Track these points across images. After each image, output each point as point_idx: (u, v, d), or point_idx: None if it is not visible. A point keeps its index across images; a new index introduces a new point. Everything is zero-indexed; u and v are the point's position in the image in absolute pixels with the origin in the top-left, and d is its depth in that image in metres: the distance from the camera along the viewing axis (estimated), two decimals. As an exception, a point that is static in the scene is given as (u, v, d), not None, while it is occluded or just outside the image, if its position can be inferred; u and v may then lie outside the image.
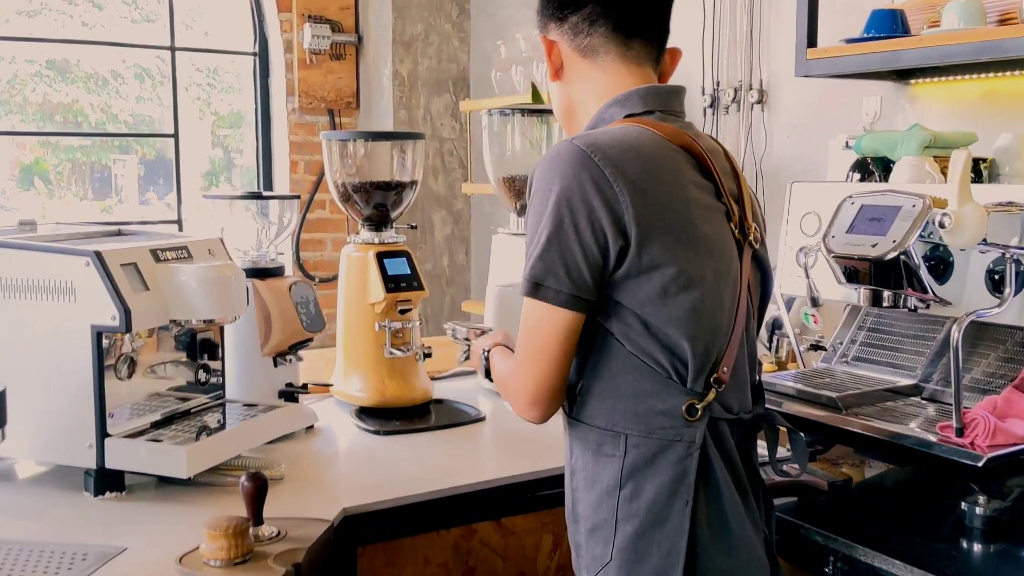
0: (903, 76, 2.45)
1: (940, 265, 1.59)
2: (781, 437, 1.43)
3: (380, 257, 2.09)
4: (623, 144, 1.24)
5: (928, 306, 1.61)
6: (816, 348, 1.95)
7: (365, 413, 2.09)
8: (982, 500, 1.52)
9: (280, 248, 2.10)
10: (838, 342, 1.94)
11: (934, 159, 1.83)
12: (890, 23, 2.16)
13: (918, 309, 1.62)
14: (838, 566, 1.51)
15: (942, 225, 1.44)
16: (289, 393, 1.97)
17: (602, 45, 1.34)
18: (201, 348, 1.80)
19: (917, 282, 1.58)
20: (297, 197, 2.10)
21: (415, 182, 2.22)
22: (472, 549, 1.70)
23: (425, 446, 1.94)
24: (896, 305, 1.64)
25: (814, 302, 1.77)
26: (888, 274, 1.59)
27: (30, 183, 4.90)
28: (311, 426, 1.99)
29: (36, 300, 1.56)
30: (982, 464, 1.40)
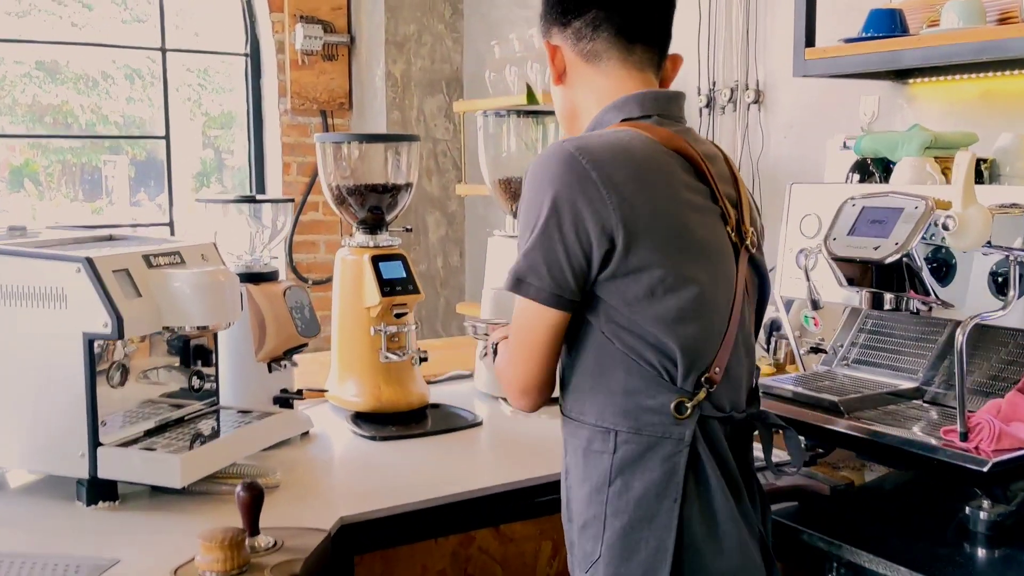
0: (901, 76, 2.44)
1: (942, 267, 1.57)
2: (778, 439, 1.42)
3: (375, 260, 2.07)
4: (614, 147, 1.25)
5: (931, 309, 1.59)
6: (816, 351, 1.93)
7: (361, 418, 2.07)
8: (986, 504, 1.51)
9: (274, 252, 2.08)
10: (838, 345, 1.92)
11: (935, 160, 1.82)
12: (889, 23, 2.14)
13: (920, 312, 1.61)
14: (841, 572, 1.50)
15: (946, 227, 1.43)
16: (284, 399, 1.95)
17: (605, 50, 1.35)
18: (194, 354, 1.77)
19: (919, 284, 1.56)
20: (291, 200, 2.08)
21: (410, 184, 2.19)
22: (471, 557, 1.68)
23: (422, 452, 1.92)
24: (898, 308, 1.62)
25: (814, 305, 1.76)
26: (890, 277, 1.58)
27: (20, 185, 4.86)
28: (306, 432, 1.97)
29: (27, 307, 1.53)
30: (987, 469, 1.39)
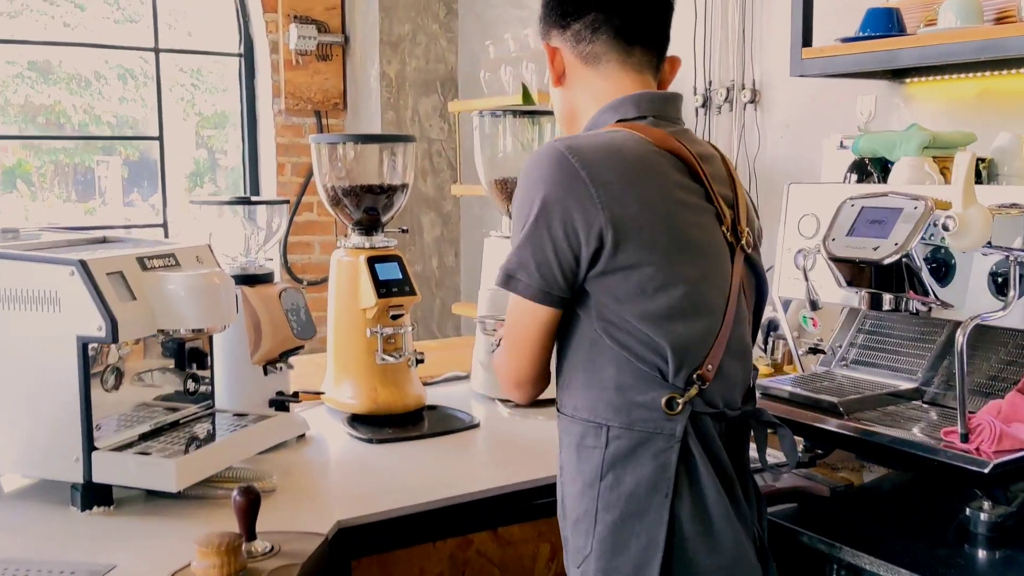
0: (898, 75, 2.44)
1: (942, 268, 1.56)
2: (774, 439, 1.41)
3: (371, 262, 2.06)
4: (604, 147, 1.26)
5: (930, 310, 1.58)
6: (815, 351, 1.92)
7: (357, 420, 2.06)
8: (986, 506, 1.50)
9: (268, 253, 2.06)
10: (837, 345, 1.91)
11: (933, 160, 1.81)
12: (886, 22, 2.14)
13: (919, 312, 1.60)
14: (841, 574, 1.49)
15: (946, 228, 1.42)
16: (280, 402, 1.93)
17: (604, 52, 1.37)
18: (189, 357, 1.76)
19: (919, 285, 1.56)
20: (286, 202, 2.07)
21: (406, 185, 2.18)
22: (469, 560, 1.67)
23: (419, 454, 1.91)
24: (897, 308, 1.62)
25: (813, 305, 1.75)
26: (889, 277, 1.57)
27: (12, 185, 4.83)
28: (302, 435, 1.96)
29: (20, 310, 1.52)
30: (988, 470, 1.38)
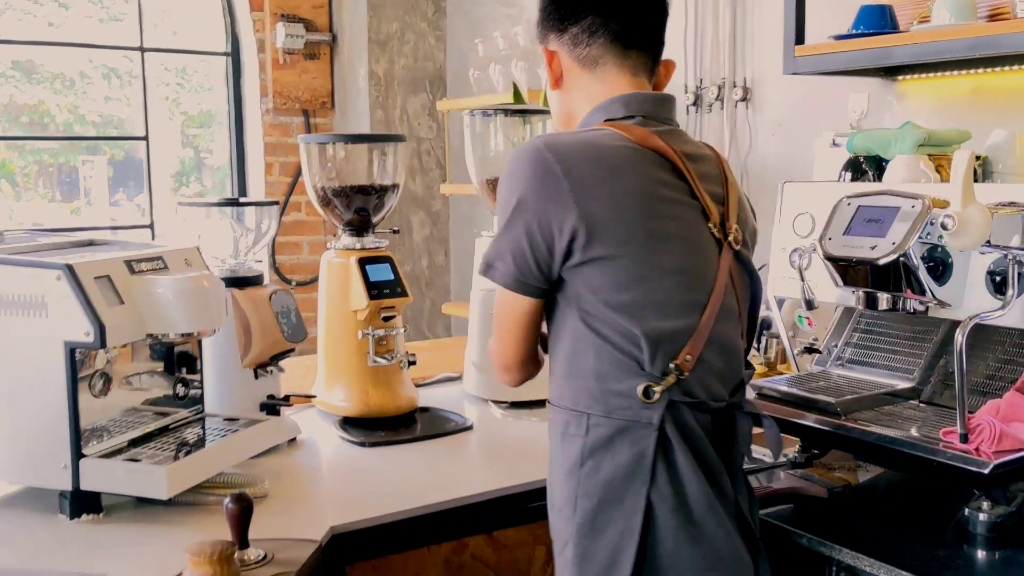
0: (891, 73, 2.43)
1: (939, 266, 1.55)
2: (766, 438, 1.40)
3: (362, 263, 2.04)
4: (581, 143, 1.30)
5: (927, 309, 1.57)
6: (810, 351, 1.91)
7: (349, 423, 2.03)
8: (985, 506, 1.49)
9: (257, 255, 2.04)
10: (832, 344, 1.90)
11: (928, 157, 1.80)
12: (879, 19, 2.13)
13: (917, 312, 1.59)
14: (840, 576, 1.48)
15: (945, 227, 1.41)
16: (271, 406, 1.91)
17: (601, 55, 1.39)
18: (179, 361, 1.74)
19: (916, 284, 1.55)
20: (276, 203, 2.04)
21: (396, 185, 2.16)
22: (464, 564, 1.66)
23: (412, 457, 1.89)
24: (894, 308, 1.60)
25: (809, 305, 1.73)
26: (886, 276, 1.56)
27: (-4, 185, 4.78)
28: (293, 438, 1.93)
29: (5, 315, 1.49)
30: (988, 471, 1.37)
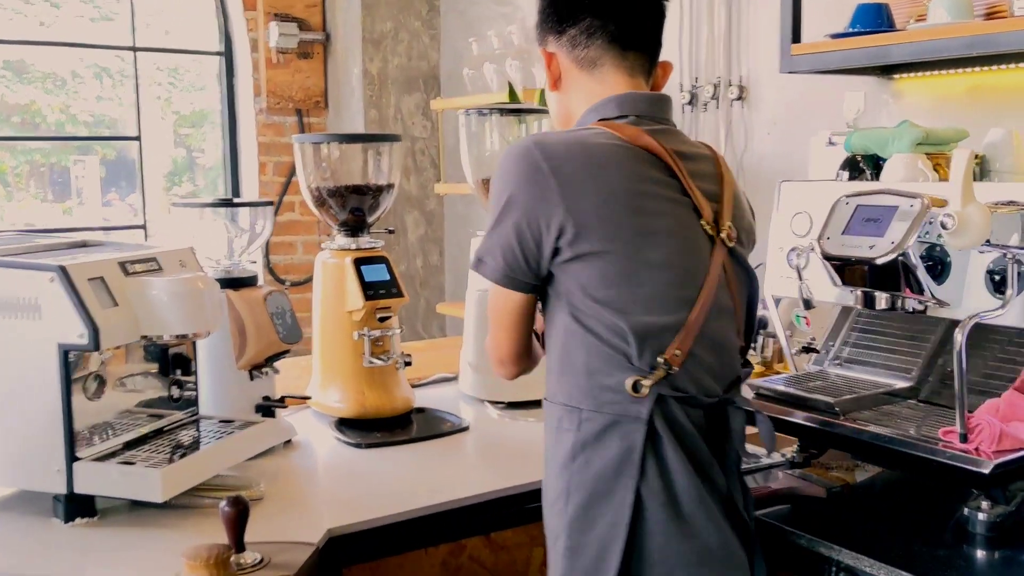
0: (887, 71, 2.42)
1: (938, 266, 1.54)
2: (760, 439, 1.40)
3: (357, 263, 2.02)
4: (571, 142, 1.31)
5: (926, 308, 1.57)
6: (808, 350, 1.90)
7: (345, 425, 2.02)
8: (985, 505, 1.49)
9: (252, 255, 2.02)
10: (830, 344, 1.90)
11: (926, 156, 1.79)
12: (875, 18, 2.13)
13: (915, 311, 1.58)
14: (840, 576, 1.48)
15: (944, 226, 1.40)
16: (266, 407, 1.90)
17: (599, 57, 1.40)
18: (173, 362, 1.72)
19: (915, 283, 1.54)
20: (270, 203, 2.02)
21: (392, 185, 2.15)
22: (461, 566, 1.65)
23: (408, 459, 1.88)
24: (893, 307, 1.60)
25: (807, 304, 1.73)
26: (885, 275, 1.55)
27: (-13, 186, 4.76)
28: (289, 440, 1.92)
29: (-2, 318, 1.48)
30: (989, 471, 1.37)
